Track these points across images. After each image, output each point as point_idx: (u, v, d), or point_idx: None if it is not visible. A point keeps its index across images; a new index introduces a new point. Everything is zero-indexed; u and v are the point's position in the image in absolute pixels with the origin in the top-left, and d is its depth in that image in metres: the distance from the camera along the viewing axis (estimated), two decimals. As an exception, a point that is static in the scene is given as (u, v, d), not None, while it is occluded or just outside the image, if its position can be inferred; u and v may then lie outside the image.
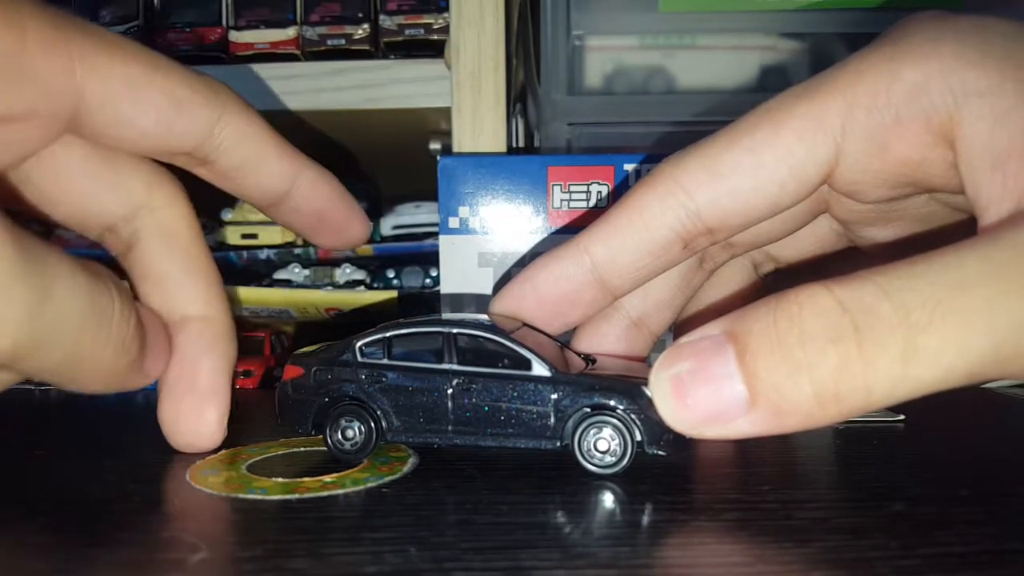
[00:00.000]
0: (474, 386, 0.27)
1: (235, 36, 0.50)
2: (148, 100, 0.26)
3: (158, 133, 0.27)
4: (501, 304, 0.30)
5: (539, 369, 0.27)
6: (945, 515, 0.22)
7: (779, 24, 0.44)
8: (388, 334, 0.28)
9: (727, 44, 0.46)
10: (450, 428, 0.27)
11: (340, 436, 0.28)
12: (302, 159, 0.31)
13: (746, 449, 0.29)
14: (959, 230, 0.28)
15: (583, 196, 0.38)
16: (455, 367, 0.27)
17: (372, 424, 0.28)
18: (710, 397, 0.22)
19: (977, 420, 0.37)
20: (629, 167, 0.38)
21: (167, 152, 0.28)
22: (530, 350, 0.27)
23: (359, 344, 0.28)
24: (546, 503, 0.24)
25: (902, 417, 0.34)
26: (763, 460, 0.28)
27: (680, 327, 0.32)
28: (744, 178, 0.25)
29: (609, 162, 0.38)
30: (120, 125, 0.26)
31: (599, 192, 0.38)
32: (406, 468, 0.27)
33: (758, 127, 0.25)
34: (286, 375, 0.29)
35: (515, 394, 0.27)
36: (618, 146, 0.43)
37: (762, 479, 0.26)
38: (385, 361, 0.28)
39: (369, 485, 0.25)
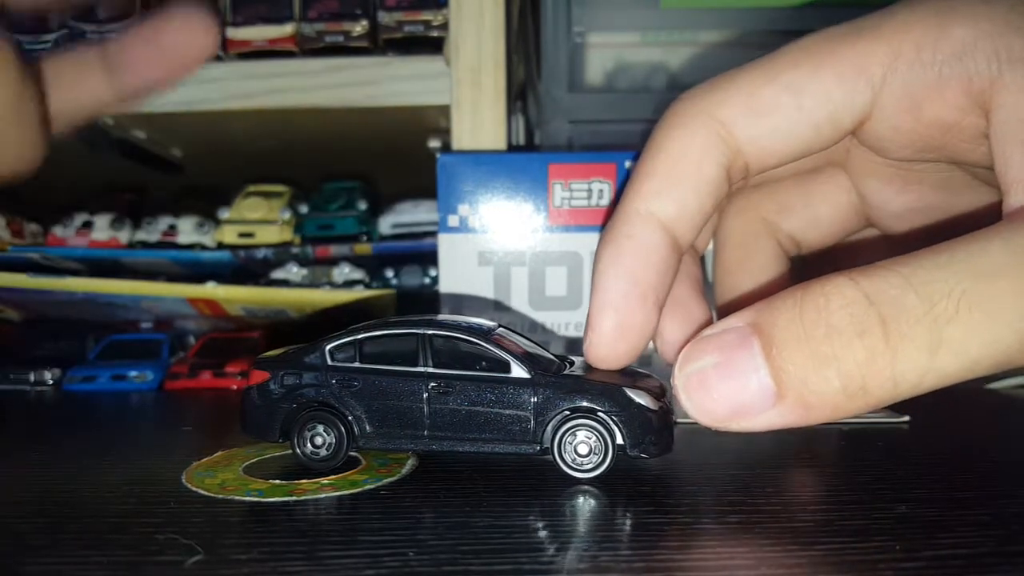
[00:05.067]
0: (451, 389, 0.26)
1: (232, 33, 0.50)
2: None
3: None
4: (607, 334, 0.26)
5: (518, 371, 0.26)
6: (949, 517, 0.22)
7: (780, 21, 0.44)
8: (359, 336, 0.27)
9: (728, 41, 0.45)
10: (426, 433, 0.26)
11: (309, 444, 0.27)
12: None
13: (748, 450, 0.29)
14: (976, 205, 0.27)
15: (584, 194, 0.38)
16: (431, 370, 0.27)
17: (343, 430, 0.27)
18: (736, 391, 0.22)
19: (981, 421, 0.37)
20: (631, 164, 0.37)
21: None
22: (508, 352, 0.26)
23: (329, 347, 0.27)
24: (546, 505, 0.24)
25: (907, 418, 0.34)
26: (766, 462, 0.28)
27: (719, 312, 0.31)
28: (783, 118, 0.24)
29: (611, 159, 0.38)
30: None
31: (600, 190, 0.38)
32: (404, 470, 0.27)
33: (799, 64, 0.24)
34: (251, 380, 0.28)
35: (493, 397, 0.26)
36: (619, 143, 0.43)
37: (765, 481, 0.26)
38: (357, 364, 0.27)
39: (367, 487, 0.25)
